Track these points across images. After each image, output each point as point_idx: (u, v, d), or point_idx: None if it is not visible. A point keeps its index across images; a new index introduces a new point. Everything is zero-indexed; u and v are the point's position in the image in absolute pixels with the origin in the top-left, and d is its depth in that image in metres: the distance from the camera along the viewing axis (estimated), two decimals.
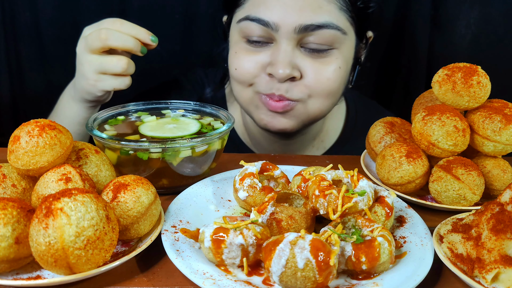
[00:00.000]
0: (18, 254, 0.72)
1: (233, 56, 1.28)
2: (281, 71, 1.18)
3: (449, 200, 0.98)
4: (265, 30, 1.20)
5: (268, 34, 1.20)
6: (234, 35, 1.29)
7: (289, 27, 1.17)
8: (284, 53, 1.19)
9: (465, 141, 1.00)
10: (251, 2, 1.23)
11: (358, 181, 0.88)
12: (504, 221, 0.75)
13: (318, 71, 1.22)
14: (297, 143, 1.45)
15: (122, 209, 0.78)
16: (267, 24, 1.18)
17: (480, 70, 1.02)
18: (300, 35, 1.18)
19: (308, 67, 1.22)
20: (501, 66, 1.69)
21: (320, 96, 1.25)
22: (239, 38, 1.26)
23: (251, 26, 1.21)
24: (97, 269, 0.72)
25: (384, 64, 1.84)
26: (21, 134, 0.80)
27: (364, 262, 0.75)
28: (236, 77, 1.28)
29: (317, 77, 1.22)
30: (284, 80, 1.21)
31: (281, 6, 1.17)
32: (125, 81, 1.17)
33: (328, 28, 1.18)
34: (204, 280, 0.72)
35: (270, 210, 0.83)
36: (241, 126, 1.51)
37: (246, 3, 1.24)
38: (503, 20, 1.68)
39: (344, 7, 1.21)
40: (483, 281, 0.74)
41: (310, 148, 1.49)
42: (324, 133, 1.50)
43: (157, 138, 1.01)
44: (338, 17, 1.20)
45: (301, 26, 1.17)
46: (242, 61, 1.26)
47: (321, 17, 1.17)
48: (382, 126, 1.16)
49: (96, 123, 1.06)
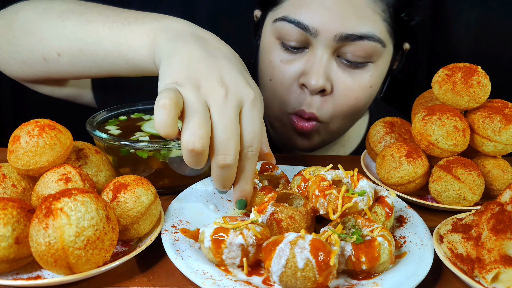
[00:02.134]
0: (18, 254, 0.72)
1: (268, 65, 1.19)
2: (314, 82, 1.11)
3: (449, 200, 0.98)
4: (303, 34, 1.11)
5: (305, 39, 1.12)
6: (267, 35, 1.20)
7: (329, 34, 1.09)
8: (319, 62, 1.12)
9: (465, 141, 1.00)
10: (291, 1, 1.14)
11: (358, 181, 0.88)
12: (504, 221, 0.75)
13: (349, 88, 1.15)
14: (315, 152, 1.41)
15: (122, 209, 0.78)
16: (306, 28, 1.10)
17: (480, 70, 1.02)
18: (339, 43, 1.11)
19: (340, 81, 1.15)
20: (501, 66, 1.69)
21: (343, 113, 1.19)
22: (273, 40, 1.17)
23: (288, 28, 1.12)
24: (97, 269, 0.72)
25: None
26: (21, 134, 0.80)
27: (364, 262, 0.75)
28: (270, 88, 1.21)
29: (346, 93, 1.16)
30: (316, 92, 1.14)
31: (324, 11, 1.09)
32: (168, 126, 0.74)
33: (370, 40, 1.11)
34: (204, 280, 0.72)
35: (270, 210, 0.83)
36: None
37: (284, 2, 1.15)
38: (503, 20, 1.68)
39: (388, 19, 1.13)
40: (483, 281, 0.74)
41: (330, 153, 1.44)
42: (346, 138, 1.44)
43: (156, 135, 1.01)
44: (380, 29, 1.12)
45: (342, 34, 1.09)
46: (278, 71, 1.17)
47: (364, 27, 1.10)
48: (382, 126, 1.16)
49: (96, 123, 1.06)
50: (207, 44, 0.86)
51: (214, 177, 0.82)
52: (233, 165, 0.78)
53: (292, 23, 1.11)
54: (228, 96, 0.78)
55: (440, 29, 1.72)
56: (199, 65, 0.80)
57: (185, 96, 0.76)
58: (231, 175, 0.81)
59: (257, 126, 0.80)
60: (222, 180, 0.81)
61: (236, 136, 0.77)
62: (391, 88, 1.88)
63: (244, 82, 0.81)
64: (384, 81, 1.30)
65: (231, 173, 0.80)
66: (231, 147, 0.77)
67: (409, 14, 1.18)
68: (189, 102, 0.75)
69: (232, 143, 0.77)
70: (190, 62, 0.81)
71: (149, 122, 1.09)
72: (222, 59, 0.83)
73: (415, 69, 1.80)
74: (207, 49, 0.84)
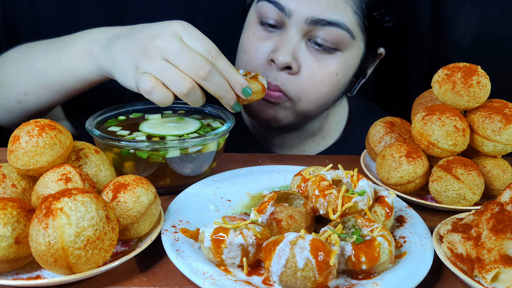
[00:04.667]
0: (18, 254, 0.72)
1: (245, 41, 1.30)
2: (281, 58, 1.20)
3: (449, 200, 0.98)
4: (279, 15, 1.21)
5: (281, 19, 1.22)
6: (251, 16, 1.31)
7: (301, 16, 1.19)
8: (289, 41, 1.21)
9: (465, 141, 1.00)
10: None
11: (358, 181, 0.88)
12: (504, 221, 0.75)
13: (315, 71, 1.23)
14: (295, 138, 1.46)
15: (122, 209, 0.78)
16: (282, 9, 1.20)
17: (480, 70, 1.02)
18: (310, 27, 1.19)
19: (307, 63, 1.23)
20: (501, 66, 1.69)
21: (309, 97, 1.26)
22: (254, 19, 1.28)
23: (267, 7, 1.22)
24: (97, 269, 0.72)
25: (384, 64, 1.84)
26: (21, 134, 0.80)
27: (364, 262, 0.75)
28: (243, 61, 1.30)
29: (313, 77, 1.23)
30: (282, 67, 1.22)
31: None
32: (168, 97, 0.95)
33: (338, 27, 1.19)
34: (204, 280, 0.72)
35: (270, 210, 0.83)
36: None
37: None
38: (503, 20, 1.68)
39: (358, 12, 1.22)
40: (483, 281, 0.74)
41: (310, 144, 1.49)
42: (326, 130, 1.50)
43: (153, 135, 1.02)
44: (350, 19, 1.21)
45: (313, 18, 1.18)
46: (252, 46, 1.27)
47: (334, 15, 1.19)
48: (382, 126, 1.16)
49: (96, 123, 1.06)
50: (125, 34, 1.04)
51: (217, 96, 0.98)
52: (213, 71, 0.95)
53: (271, 3, 1.22)
54: (166, 40, 0.95)
55: (440, 29, 1.72)
56: (134, 49, 0.98)
57: (148, 70, 0.95)
58: (218, 81, 0.96)
59: (201, 37, 0.97)
60: (219, 89, 0.97)
61: (193, 53, 0.95)
62: (391, 88, 1.89)
63: (167, 28, 0.97)
64: (356, 79, 1.38)
65: (217, 79, 0.96)
66: (198, 61, 0.94)
67: (380, 14, 1.27)
68: (154, 71, 0.94)
69: (196, 58, 0.94)
70: (126, 54, 0.99)
71: (147, 122, 1.09)
72: (139, 33, 1.00)
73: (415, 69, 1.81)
74: (127, 36, 1.02)
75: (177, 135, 1.01)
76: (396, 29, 1.39)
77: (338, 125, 1.53)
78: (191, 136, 1.01)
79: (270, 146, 1.48)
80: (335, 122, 1.51)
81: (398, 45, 1.80)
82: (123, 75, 1.00)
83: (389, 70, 1.85)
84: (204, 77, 0.94)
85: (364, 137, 1.20)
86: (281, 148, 1.48)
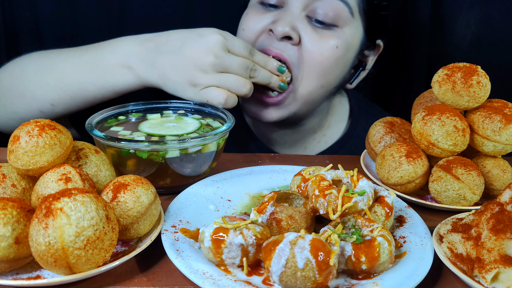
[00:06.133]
0: (18, 254, 0.72)
1: (244, 18, 1.31)
2: (280, 28, 1.21)
3: (449, 200, 0.98)
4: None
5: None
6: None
7: None
8: (290, 15, 1.23)
9: (465, 141, 1.00)
10: None
11: (358, 181, 0.88)
12: (504, 221, 0.75)
13: (315, 43, 1.24)
14: (296, 134, 1.46)
15: (122, 209, 0.78)
16: None
17: (480, 70, 1.02)
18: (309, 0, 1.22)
19: (308, 36, 1.23)
20: (501, 66, 1.69)
21: (311, 73, 1.26)
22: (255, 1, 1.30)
23: None
24: (97, 269, 0.72)
25: (384, 64, 1.84)
26: (21, 134, 0.80)
27: (364, 262, 0.75)
28: (240, 36, 1.30)
29: (313, 48, 1.24)
30: (281, 36, 1.22)
31: None
32: (237, 100, 1.13)
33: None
34: (204, 280, 0.72)
35: (270, 210, 0.83)
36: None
37: None
38: (503, 20, 1.68)
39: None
40: (483, 281, 0.74)
41: (311, 141, 1.49)
42: (326, 128, 1.50)
43: (152, 135, 1.02)
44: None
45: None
46: (250, 21, 1.28)
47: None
48: (382, 126, 1.16)
49: (96, 123, 1.06)
50: (165, 48, 1.13)
51: (265, 84, 1.19)
52: (256, 67, 1.15)
53: None
54: (218, 57, 1.09)
55: (440, 29, 1.72)
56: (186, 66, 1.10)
57: (210, 84, 1.10)
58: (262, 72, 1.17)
59: (239, 41, 1.13)
60: (265, 78, 1.18)
61: (240, 58, 1.12)
62: (391, 88, 1.89)
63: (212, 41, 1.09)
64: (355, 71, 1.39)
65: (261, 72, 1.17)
66: (246, 64, 1.12)
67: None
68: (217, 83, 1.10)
69: (245, 62, 1.12)
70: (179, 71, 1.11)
71: (146, 122, 1.09)
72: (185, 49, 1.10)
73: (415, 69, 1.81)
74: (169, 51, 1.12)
75: (176, 135, 1.01)
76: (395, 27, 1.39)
77: (339, 123, 1.52)
78: (191, 136, 1.01)
79: (271, 143, 1.48)
80: (335, 120, 1.51)
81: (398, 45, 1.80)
82: (180, 90, 1.12)
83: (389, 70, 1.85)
84: (255, 75, 1.15)
85: (364, 137, 1.20)
86: (282, 146, 1.48)
